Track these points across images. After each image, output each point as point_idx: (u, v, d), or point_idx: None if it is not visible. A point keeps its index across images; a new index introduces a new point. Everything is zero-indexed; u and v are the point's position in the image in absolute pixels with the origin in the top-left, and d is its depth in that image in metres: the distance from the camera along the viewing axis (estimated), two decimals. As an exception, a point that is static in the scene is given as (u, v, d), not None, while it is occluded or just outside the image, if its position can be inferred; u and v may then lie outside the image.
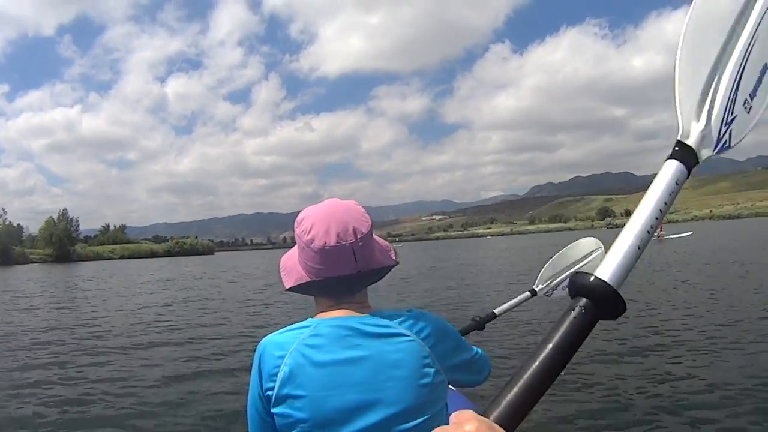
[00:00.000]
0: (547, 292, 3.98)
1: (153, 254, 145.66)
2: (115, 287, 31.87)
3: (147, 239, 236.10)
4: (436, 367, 1.63)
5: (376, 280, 1.83)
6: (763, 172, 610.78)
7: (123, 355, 11.18)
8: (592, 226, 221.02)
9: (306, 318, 1.76)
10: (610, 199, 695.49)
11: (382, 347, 1.62)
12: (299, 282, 1.76)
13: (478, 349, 1.95)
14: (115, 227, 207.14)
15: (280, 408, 1.61)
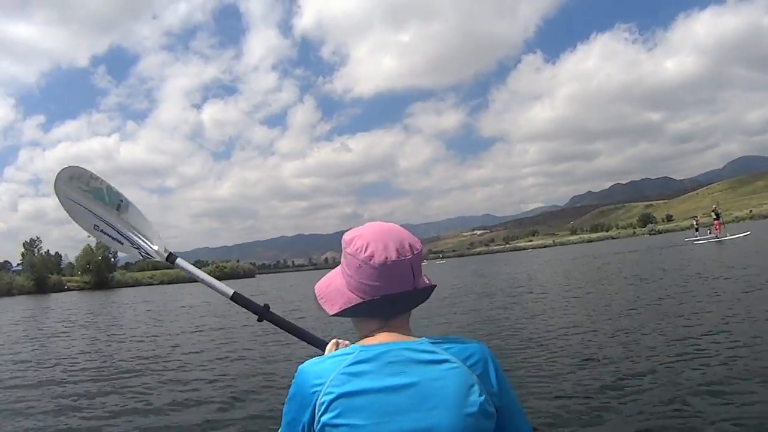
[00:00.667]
0: None
1: (194, 279, 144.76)
2: (140, 314, 31.07)
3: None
4: (484, 396, 1.58)
5: (422, 301, 1.79)
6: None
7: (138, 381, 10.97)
8: (634, 233, 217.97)
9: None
10: (651, 205, 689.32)
11: (427, 374, 1.57)
12: (348, 305, 1.71)
13: (529, 426, 1.76)
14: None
15: None
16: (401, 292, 1.67)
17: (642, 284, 19.73)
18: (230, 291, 2.73)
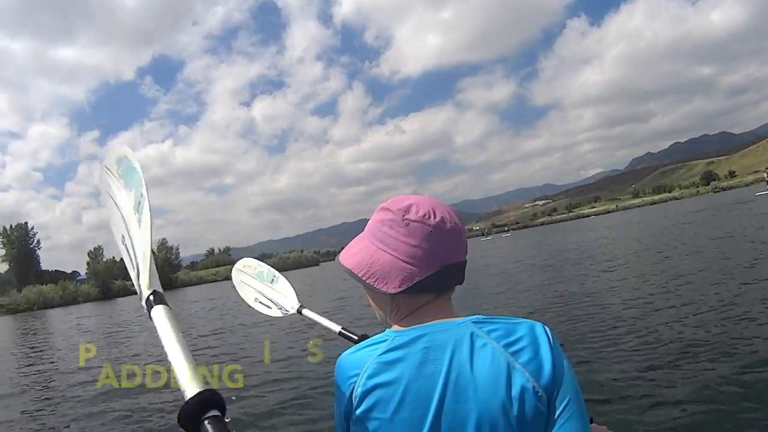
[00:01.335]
0: None
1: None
2: (200, 311, 30.35)
3: (254, 258, 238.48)
4: (527, 385, 1.42)
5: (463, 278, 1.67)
6: None
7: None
8: (698, 192, 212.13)
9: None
10: (712, 161, 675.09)
11: (464, 361, 1.47)
12: (413, 280, 1.54)
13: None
14: (219, 250, 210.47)
15: (358, 429, 1.50)
16: (459, 262, 1.59)
17: (720, 248, 17.79)
18: (337, 328, 3.08)
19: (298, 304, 3.50)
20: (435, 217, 1.55)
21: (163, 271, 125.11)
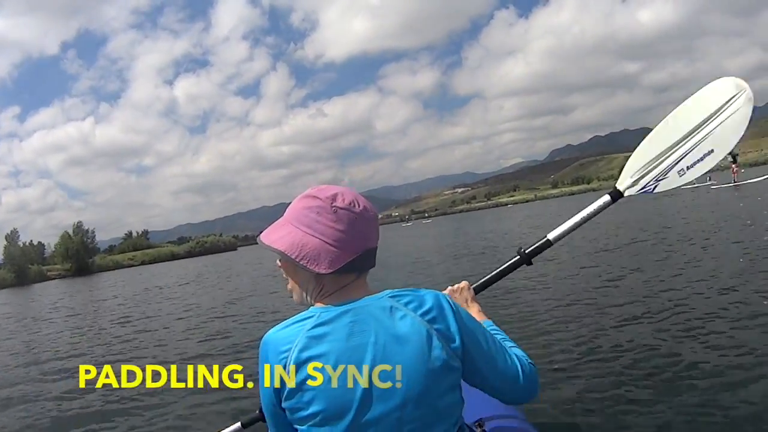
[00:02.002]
0: (646, 186, 2.69)
1: (174, 257, 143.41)
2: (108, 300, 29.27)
3: (172, 242, 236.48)
4: (445, 349, 1.65)
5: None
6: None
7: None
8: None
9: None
10: (631, 155, 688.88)
11: (388, 330, 1.64)
12: (341, 262, 1.69)
13: (519, 351, 1.94)
14: (138, 233, 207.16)
15: (291, 402, 1.63)
16: (375, 246, 1.78)
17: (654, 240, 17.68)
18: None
19: None
20: (359, 206, 1.72)
21: (80, 256, 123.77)
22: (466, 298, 2.39)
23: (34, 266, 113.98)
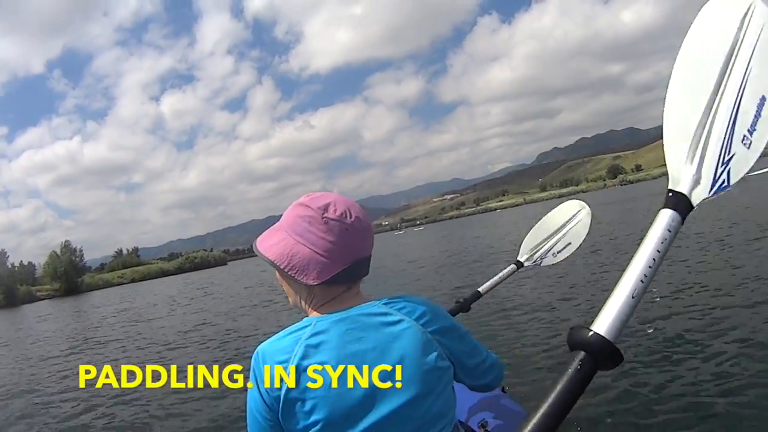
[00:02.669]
0: (536, 262, 4.07)
1: (164, 273, 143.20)
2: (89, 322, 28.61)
3: (163, 258, 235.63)
4: (438, 351, 1.66)
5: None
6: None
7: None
8: (605, 185, 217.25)
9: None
10: (618, 156, 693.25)
11: (385, 337, 1.64)
12: (330, 273, 1.68)
13: (491, 353, 1.98)
14: (128, 251, 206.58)
15: (291, 413, 1.60)
16: (367, 256, 1.75)
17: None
18: None
19: None
20: (350, 217, 1.68)
21: (69, 276, 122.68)
22: None
23: (22, 287, 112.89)
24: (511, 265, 3.94)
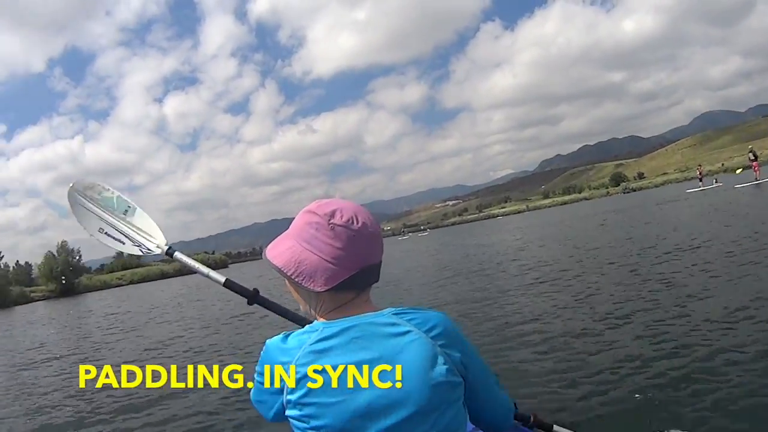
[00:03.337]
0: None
1: (164, 275, 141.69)
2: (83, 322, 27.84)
3: (164, 260, 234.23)
4: (449, 366, 1.64)
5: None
6: (765, 121, 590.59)
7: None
8: (608, 193, 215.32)
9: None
10: (621, 164, 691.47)
11: (391, 348, 1.63)
12: (337, 280, 1.68)
13: (505, 394, 1.96)
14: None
15: (294, 413, 1.63)
16: (376, 263, 1.74)
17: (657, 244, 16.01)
18: (222, 278, 3.00)
19: (166, 245, 3.27)
20: (357, 223, 1.68)
21: (65, 276, 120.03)
22: None
23: (15, 287, 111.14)
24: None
